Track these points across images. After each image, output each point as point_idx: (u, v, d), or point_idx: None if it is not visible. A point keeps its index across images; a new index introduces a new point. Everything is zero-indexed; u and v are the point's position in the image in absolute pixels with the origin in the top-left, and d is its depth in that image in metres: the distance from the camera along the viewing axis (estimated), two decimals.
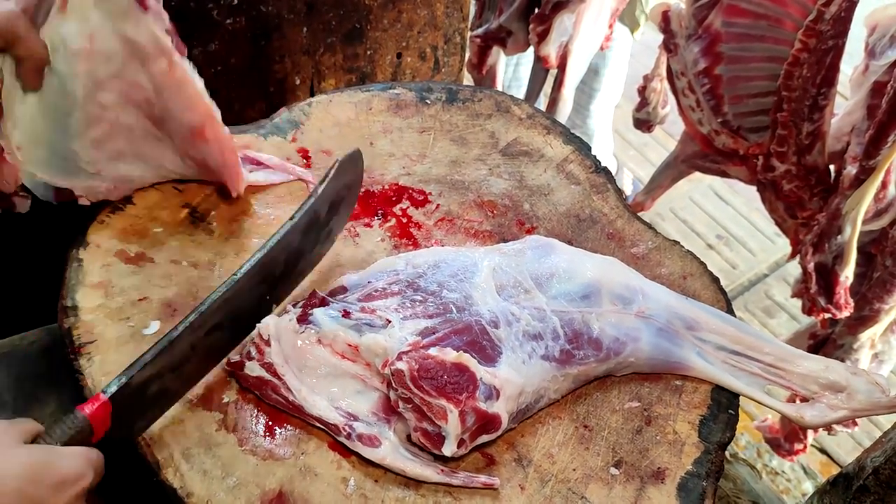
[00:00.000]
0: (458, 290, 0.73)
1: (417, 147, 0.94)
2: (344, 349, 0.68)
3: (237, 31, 0.98)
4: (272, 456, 0.66)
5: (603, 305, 0.74)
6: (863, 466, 0.71)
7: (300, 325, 0.68)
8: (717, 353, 0.76)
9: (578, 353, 0.72)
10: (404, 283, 0.74)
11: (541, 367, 0.70)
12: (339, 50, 1.09)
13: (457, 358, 0.65)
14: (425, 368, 0.64)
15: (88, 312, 0.73)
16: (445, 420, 0.63)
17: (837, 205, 1.11)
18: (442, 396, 0.63)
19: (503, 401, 0.65)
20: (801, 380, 0.73)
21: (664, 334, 0.75)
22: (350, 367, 0.68)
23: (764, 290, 2.27)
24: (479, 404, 0.64)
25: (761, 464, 1.84)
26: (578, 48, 1.50)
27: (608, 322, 0.74)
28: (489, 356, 0.68)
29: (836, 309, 1.16)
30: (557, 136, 0.97)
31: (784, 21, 1.09)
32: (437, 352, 0.65)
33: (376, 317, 0.70)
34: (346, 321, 0.69)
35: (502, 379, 0.66)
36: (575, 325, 0.73)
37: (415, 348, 0.65)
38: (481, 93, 1.01)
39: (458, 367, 0.65)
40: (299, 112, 0.95)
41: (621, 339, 0.73)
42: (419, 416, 0.64)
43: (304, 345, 0.68)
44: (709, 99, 1.23)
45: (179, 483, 0.64)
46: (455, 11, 1.17)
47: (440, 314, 0.71)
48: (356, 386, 0.68)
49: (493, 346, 0.69)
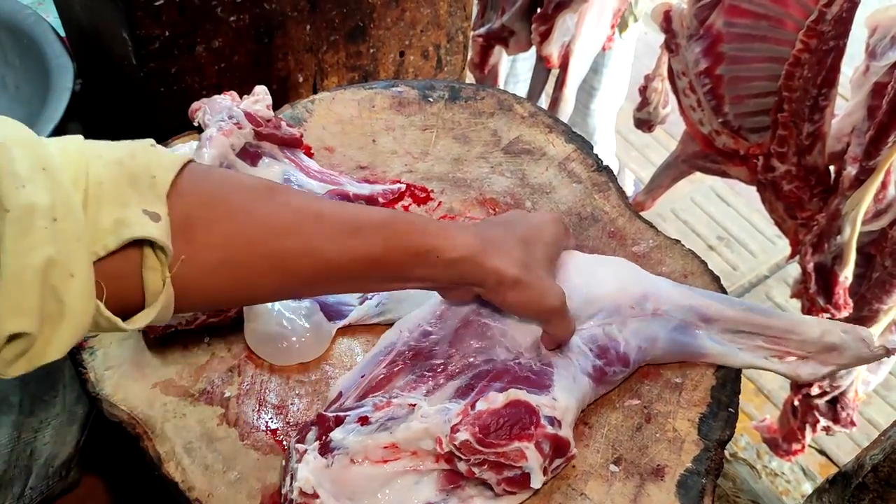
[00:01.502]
0: (472, 334, 0.69)
1: (420, 145, 0.95)
2: (382, 454, 0.61)
3: (241, 29, 0.99)
4: (273, 450, 0.67)
5: (623, 314, 0.72)
6: (861, 464, 0.71)
7: (326, 457, 0.61)
8: (725, 335, 0.75)
9: (610, 370, 0.70)
10: (407, 354, 0.68)
11: (587, 384, 0.68)
12: (342, 48, 1.10)
13: (506, 397, 0.61)
14: (485, 426, 0.60)
15: None
16: (525, 459, 0.60)
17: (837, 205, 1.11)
18: (513, 440, 0.60)
19: (567, 426, 0.63)
20: (799, 345, 0.75)
21: (679, 329, 0.74)
22: (398, 466, 0.61)
23: (764, 291, 2.27)
24: (548, 430, 0.61)
25: (760, 465, 1.84)
26: (580, 48, 1.51)
27: (630, 331, 0.72)
28: (538, 382, 0.65)
29: (835, 309, 1.16)
30: (559, 135, 0.97)
31: (785, 22, 1.09)
32: (486, 405, 0.61)
33: (397, 407, 0.63)
34: (369, 427, 0.62)
35: (560, 408, 0.63)
36: (599, 341, 0.71)
37: (465, 414, 0.60)
38: (484, 91, 1.01)
39: (512, 406, 0.61)
40: (302, 109, 0.95)
41: (643, 347, 0.72)
42: (498, 469, 0.61)
43: (341, 474, 0.61)
44: (710, 99, 1.23)
45: (181, 477, 0.64)
46: (458, 10, 1.17)
47: (466, 369, 0.66)
48: (411, 479, 0.62)
49: (539, 372, 0.66)
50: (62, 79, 1.03)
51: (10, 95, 1.11)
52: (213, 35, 0.97)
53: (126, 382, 0.70)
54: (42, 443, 0.79)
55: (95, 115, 1.23)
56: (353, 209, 0.61)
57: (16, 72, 1.11)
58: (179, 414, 0.68)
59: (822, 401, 1.33)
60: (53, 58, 1.05)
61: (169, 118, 0.98)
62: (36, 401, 0.79)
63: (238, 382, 0.71)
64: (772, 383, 2.05)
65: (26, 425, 0.78)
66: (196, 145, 0.80)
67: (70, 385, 0.82)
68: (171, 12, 0.91)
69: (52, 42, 1.07)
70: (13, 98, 1.11)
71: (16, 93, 1.11)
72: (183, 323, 0.72)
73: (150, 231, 0.46)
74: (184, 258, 0.48)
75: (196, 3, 0.93)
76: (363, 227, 0.57)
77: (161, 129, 0.98)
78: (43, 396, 0.80)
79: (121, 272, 0.46)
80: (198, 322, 0.72)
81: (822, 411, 1.35)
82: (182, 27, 0.94)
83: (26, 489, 0.77)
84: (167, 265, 0.47)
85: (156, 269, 0.47)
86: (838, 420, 1.34)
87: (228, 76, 1.02)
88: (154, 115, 0.99)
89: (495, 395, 0.62)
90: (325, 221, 0.56)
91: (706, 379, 0.75)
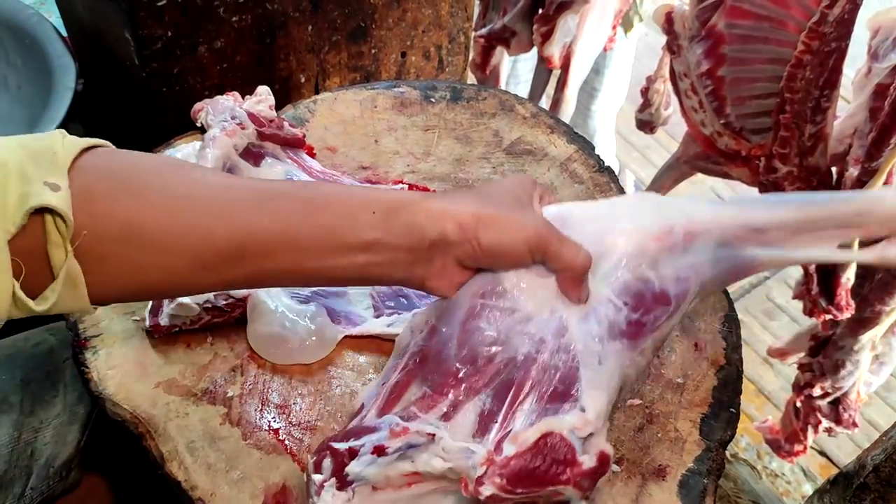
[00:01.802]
0: (482, 325, 0.60)
1: (422, 145, 0.95)
2: (405, 480, 0.57)
3: (243, 29, 0.99)
4: (276, 450, 0.67)
5: (649, 252, 0.60)
6: (863, 465, 0.71)
7: (346, 490, 0.56)
8: (779, 234, 0.62)
9: (648, 317, 0.59)
10: (416, 357, 0.61)
11: (616, 356, 0.58)
12: (344, 48, 1.10)
13: (537, 432, 0.55)
14: (514, 475, 0.53)
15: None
16: (562, 496, 0.55)
17: None
18: (546, 484, 0.54)
19: (601, 436, 0.56)
20: (881, 224, 0.61)
21: (721, 247, 0.61)
22: (423, 488, 0.57)
23: (765, 292, 2.27)
24: (585, 465, 0.54)
25: (761, 465, 1.84)
26: (582, 49, 1.51)
27: (664, 267, 0.60)
28: (564, 391, 0.57)
29: (837, 310, 1.16)
30: (561, 135, 0.97)
31: (787, 23, 1.09)
32: (514, 447, 0.54)
33: (415, 434, 0.56)
34: (386, 459, 0.56)
35: (592, 420, 0.55)
36: (631, 289, 0.59)
37: (491, 462, 0.54)
38: (486, 92, 1.01)
39: (543, 441, 0.54)
40: (304, 109, 0.95)
41: (682, 276, 0.60)
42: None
43: (366, 502, 0.57)
44: (711, 100, 1.23)
45: (184, 476, 0.64)
46: (460, 11, 1.17)
47: (485, 381, 0.58)
48: (440, 497, 0.58)
49: (563, 375, 0.57)
50: (64, 79, 1.03)
51: (12, 95, 1.11)
52: (216, 35, 0.97)
53: (129, 382, 0.70)
54: (43, 443, 0.79)
55: (97, 115, 1.23)
56: (267, 182, 0.57)
57: (18, 72, 1.11)
58: (182, 413, 0.68)
59: (823, 402, 1.33)
60: (55, 58, 1.06)
61: (171, 118, 0.98)
62: (37, 400, 0.79)
63: (241, 382, 0.71)
64: (773, 385, 2.05)
65: (27, 425, 0.78)
66: (199, 145, 0.80)
67: (71, 385, 0.82)
68: (174, 12, 0.91)
69: (54, 42, 1.07)
70: (15, 98, 1.11)
71: (18, 93, 1.11)
72: (188, 323, 0.72)
73: (48, 199, 0.44)
74: (86, 233, 0.47)
75: (198, 3, 0.93)
76: (282, 193, 0.53)
77: (163, 129, 0.98)
78: (44, 396, 0.80)
79: (29, 249, 0.45)
80: (202, 322, 0.72)
81: (823, 412, 1.35)
82: (184, 27, 0.94)
83: (27, 489, 0.77)
84: (69, 238, 0.46)
85: (59, 245, 0.46)
86: (840, 421, 1.34)
87: (230, 76, 1.02)
88: (156, 115, 1.00)
89: (525, 434, 0.55)
90: (237, 189, 0.53)
91: (707, 379, 0.75)
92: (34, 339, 0.83)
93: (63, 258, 0.46)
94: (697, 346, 0.78)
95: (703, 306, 0.81)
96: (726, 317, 0.81)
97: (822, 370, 1.29)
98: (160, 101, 0.98)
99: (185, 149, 0.81)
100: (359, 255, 0.54)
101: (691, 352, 0.77)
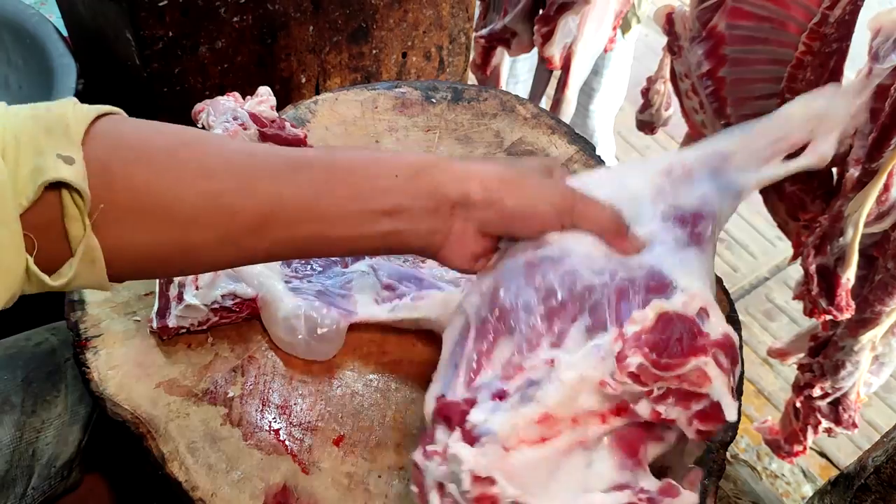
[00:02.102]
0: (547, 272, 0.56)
1: (423, 145, 0.95)
2: (537, 431, 0.49)
3: (244, 30, 0.99)
4: (277, 450, 0.67)
5: (665, 191, 0.62)
6: (864, 466, 0.71)
7: (474, 446, 0.48)
8: (751, 161, 0.69)
9: (699, 229, 0.60)
10: (492, 319, 0.55)
11: (694, 257, 0.58)
12: (345, 49, 1.10)
13: (654, 311, 0.51)
14: (654, 344, 0.49)
15: (95, 306, 0.74)
16: (709, 380, 0.49)
17: (840, 207, 1.11)
18: (688, 356, 0.49)
19: (714, 311, 0.52)
20: (799, 130, 0.72)
21: (716, 177, 0.65)
22: (560, 442, 0.49)
23: (765, 293, 2.27)
24: (712, 335, 0.50)
25: (761, 466, 1.84)
26: (582, 50, 1.51)
27: (682, 195, 0.62)
28: (658, 285, 0.54)
29: (837, 311, 1.16)
30: (562, 136, 0.97)
31: (788, 24, 1.09)
32: (637, 325, 0.50)
33: (531, 369, 0.51)
34: (509, 401, 0.50)
35: (698, 293, 0.52)
36: (671, 215, 0.60)
37: (623, 338, 0.50)
38: (486, 92, 1.01)
39: (663, 320, 0.50)
40: (305, 110, 0.96)
41: (703, 201, 0.63)
42: (685, 402, 0.50)
43: (498, 466, 0.48)
44: (712, 101, 1.23)
45: (185, 476, 0.64)
46: (460, 12, 1.17)
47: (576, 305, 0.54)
48: (581, 459, 0.50)
49: (651, 274, 0.55)
50: (65, 79, 1.03)
51: (13, 95, 1.11)
52: (217, 36, 0.97)
53: (129, 382, 0.70)
54: (44, 443, 0.79)
55: None
56: (289, 149, 0.55)
57: (19, 72, 1.11)
58: (183, 414, 0.68)
59: (823, 402, 1.33)
60: (56, 58, 1.06)
61: (172, 118, 0.98)
62: (38, 400, 0.79)
63: (241, 382, 0.71)
64: (772, 385, 2.05)
65: (28, 425, 0.78)
66: None
67: (72, 385, 0.82)
68: (175, 13, 0.92)
69: (55, 42, 1.07)
70: (16, 98, 1.11)
71: (18, 93, 1.11)
72: (195, 325, 0.72)
73: (62, 173, 0.43)
74: (103, 206, 0.45)
75: (199, 3, 0.93)
76: (305, 162, 0.52)
77: None
78: (45, 396, 0.80)
79: (43, 223, 0.44)
80: (210, 322, 0.72)
81: (823, 413, 1.35)
82: (185, 28, 0.94)
83: (28, 489, 0.77)
84: (86, 212, 0.45)
85: (76, 218, 0.45)
86: (840, 421, 1.34)
87: (231, 76, 1.02)
88: (157, 115, 1.00)
89: (640, 313, 0.51)
90: (261, 158, 0.51)
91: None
92: (36, 339, 0.83)
93: (81, 233, 0.45)
94: None
95: None
96: (727, 317, 0.80)
97: (822, 371, 1.29)
98: (161, 102, 0.98)
99: None
100: (382, 221, 0.53)
101: None
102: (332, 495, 0.64)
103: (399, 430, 0.70)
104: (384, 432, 0.69)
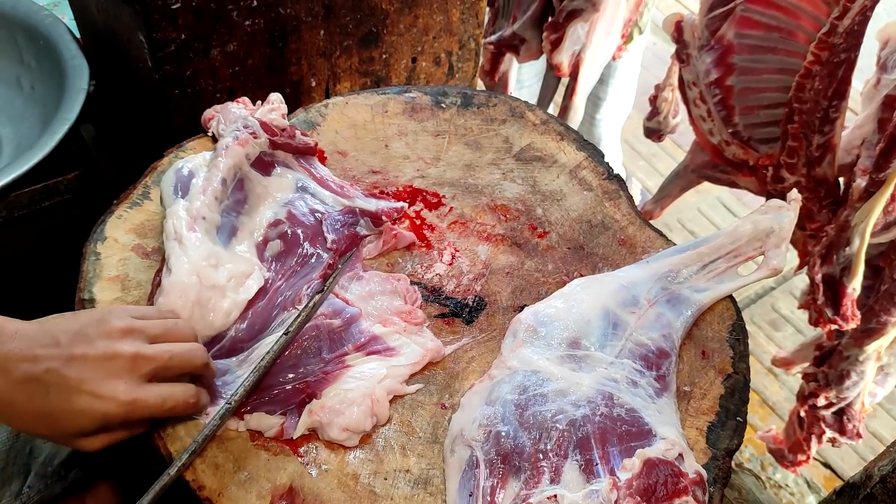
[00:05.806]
0: (538, 409, 0.69)
1: (432, 150, 0.95)
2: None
3: (255, 33, 0.99)
4: (283, 451, 0.67)
5: (626, 323, 0.75)
6: (870, 475, 0.71)
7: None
8: (699, 278, 0.81)
9: (662, 371, 0.73)
10: (497, 461, 0.67)
11: (667, 402, 0.71)
12: (355, 53, 1.10)
13: (640, 459, 0.64)
14: (644, 491, 0.62)
15: (105, 305, 0.74)
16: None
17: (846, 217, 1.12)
18: (674, 497, 0.62)
19: (688, 454, 0.65)
20: (749, 247, 0.82)
21: (672, 300, 0.78)
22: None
23: (770, 302, 2.27)
24: (691, 474, 0.64)
25: (765, 476, 1.83)
26: (591, 57, 1.51)
27: (646, 329, 0.75)
28: (637, 431, 0.67)
29: (842, 320, 1.16)
30: (571, 143, 0.97)
31: (797, 33, 1.10)
32: (627, 473, 0.63)
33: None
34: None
35: (675, 440, 0.66)
36: (637, 353, 0.73)
37: (617, 488, 0.62)
38: (496, 98, 1.02)
39: (649, 466, 0.63)
40: (315, 113, 0.96)
41: (666, 334, 0.75)
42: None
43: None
44: (720, 109, 1.23)
45: (191, 476, 0.65)
46: (470, 18, 1.18)
47: (565, 443, 0.67)
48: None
49: (629, 420, 0.68)
50: (77, 80, 1.04)
51: (26, 96, 1.12)
52: (228, 39, 0.98)
53: None
54: (41, 441, 0.79)
55: (109, 116, 1.24)
56: None
57: (31, 72, 1.12)
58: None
59: (828, 412, 1.33)
60: (69, 59, 1.06)
61: (183, 120, 0.99)
62: None
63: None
64: (777, 395, 2.05)
65: None
66: (210, 155, 0.80)
67: None
68: (188, 16, 0.92)
69: (67, 43, 1.08)
70: (28, 98, 1.11)
71: (31, 93, 1.12)
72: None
73: None
74: None
75: (212, 6, 0.94)
76: None
77: (174, 131, 0.99)
78: None
79: None
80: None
81: (828, 422, 1.34)
82: (198, 30, 0.94)
83: (24, 487, 0.77)
84: None
85: None
86: (844, 431, 1.34)
87: (242, 79, 1.02)
88: (168, 116, 1.00)
89: (630, 461, 0.63)
90: None
91: (714, 388, 0.75)
92: None
93: None
94: (705, 355, 0.78)
95: (710, 314, 0.81)
96: (734, 325, 0.81)
97: (827, 380, 1.29)
98: (172, 103, 0.99)
99: (196, 159, 0.81)
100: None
101: (698, 360, 0.77)
102: (338, 496, 0.65)
103: (404, 433, 0.70)
104: (390, 434, 0.70)
